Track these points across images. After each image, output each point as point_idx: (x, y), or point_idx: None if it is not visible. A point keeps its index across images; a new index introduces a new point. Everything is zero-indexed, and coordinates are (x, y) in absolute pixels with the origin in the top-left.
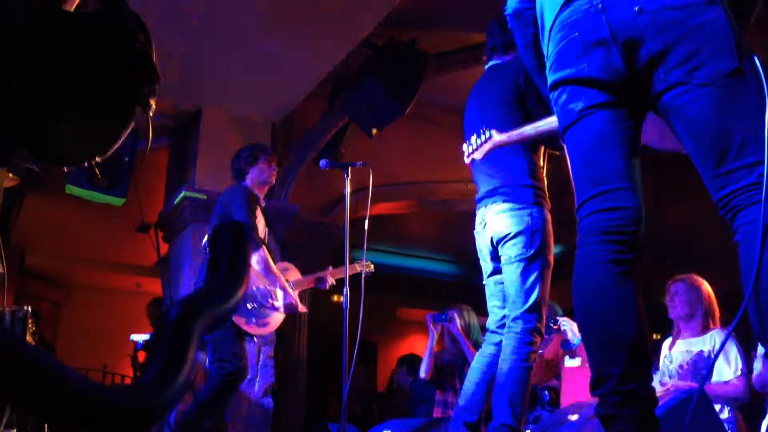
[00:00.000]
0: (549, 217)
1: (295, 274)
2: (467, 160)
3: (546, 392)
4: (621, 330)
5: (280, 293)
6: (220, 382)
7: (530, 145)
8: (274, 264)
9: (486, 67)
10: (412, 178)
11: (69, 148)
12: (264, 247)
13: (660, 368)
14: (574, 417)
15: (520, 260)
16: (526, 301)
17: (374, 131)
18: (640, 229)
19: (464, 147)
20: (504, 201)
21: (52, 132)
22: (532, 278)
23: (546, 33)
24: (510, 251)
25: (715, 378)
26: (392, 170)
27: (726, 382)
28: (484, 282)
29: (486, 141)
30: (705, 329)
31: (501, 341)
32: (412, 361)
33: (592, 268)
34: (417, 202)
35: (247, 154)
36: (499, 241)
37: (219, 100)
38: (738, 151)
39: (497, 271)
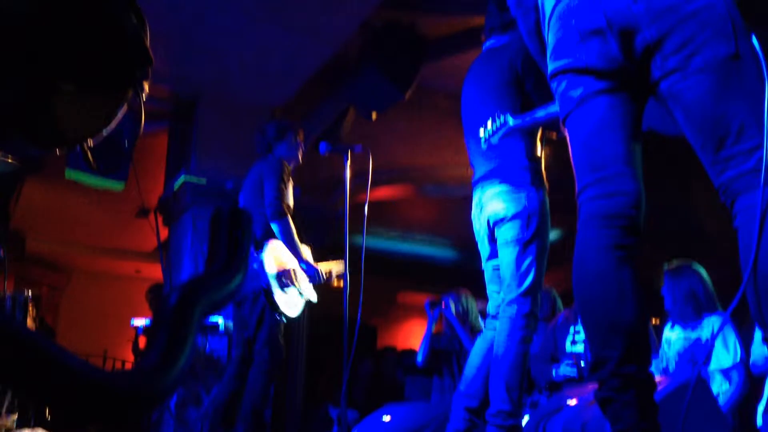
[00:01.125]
0: (546, 199)
1: (308, 257)
2: (484, 146)
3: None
4: (620, 313)
5: (301, 273)
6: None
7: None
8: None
9: (483, 48)
10: (412, 162)
11: (59, 130)
12: (290, 217)
13: (659, 354)
14: (572, 402)
15: (516, 243)
16: (521, 284)
17: (374, 114)
18: (640, 214)
19: (480, 132)
20: (500, 182)
21: (42, 113)
22: (527, 262)
23: (546, 22)
24: (506, 234)
25: (713, 365)
26: (392, 155)
27: (727, 371)
28: (483, 267)
29: (502, 125)
30: (701, 316)
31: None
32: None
33: (591, 252)
34: (417, 186)
35: (274, 129)
36: (495, 224)
37: (218, 86)
38: (736, 136)
39: (495, 254)
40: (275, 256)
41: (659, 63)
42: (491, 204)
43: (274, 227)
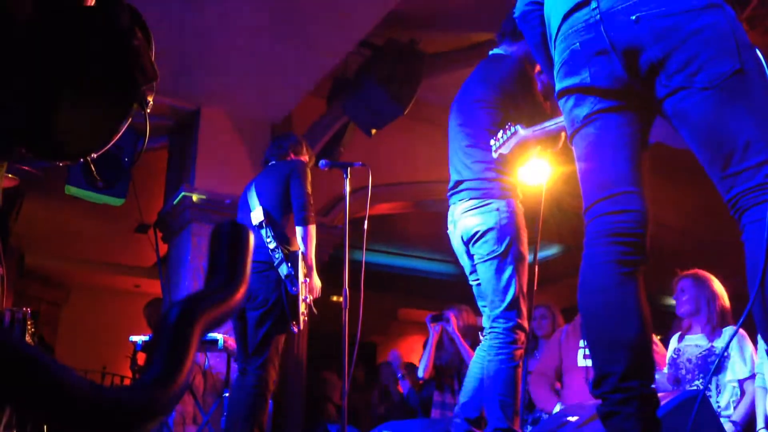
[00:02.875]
0: (518, 208)
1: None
2: (495, 155)
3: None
4: (623, 329)
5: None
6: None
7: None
8: None
9: (490, 53)
10: (412, 177)
11: (64, 143)
12: (314, 226)
13: (667, 362)
14: (573, 418)
15: (492, 258)
16: (503, 299)
17: (373, 131)
18: (646, 232)
19: (491, 142)
20: (470, 198)
21: (48, 126)
22: (506, 275)
23: (552, 40)
24: (481, 249)
25: (729, 376)
26: (391, 170)
27: (742, 382)
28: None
29: (512, 136)
30: (715, 327)
31: None
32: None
33: (597, 268)
34: (416, 201)
35: (292, 142)
36: (468, 240)
37: (218, 100)
38: (743, 152)
39: (475, 269)
40: (302, 263)
41: (664, 81)
42: (463, 220)
43: (300, 231)
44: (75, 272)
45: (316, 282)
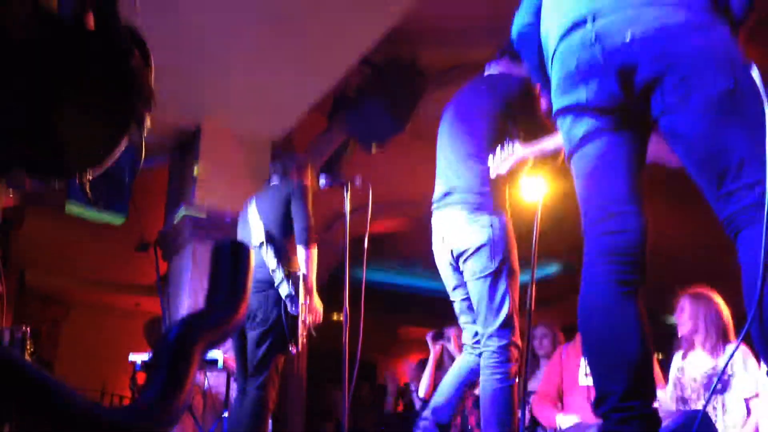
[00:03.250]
0: (510, 224)
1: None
2: (493, 175)
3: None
4: (624, 348)
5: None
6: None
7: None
8: None
9: (486, 68)
10: (412, 195)
11: (60, 161)
12: (315, 248)
13: (670, 380)
14: None
15: (486, 275)
16: (497, 316)
17: (374, 148)
18: (645, 251)
19: (489, 161)
20: (462, 210)
21: (43, 144)
22: (500, 292)
23: (549, 60)
24: (474, 266)
25: (735, 395)
26: (392, 187)
27: (748, 400)
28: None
29: (510, 155)
30: (716, 344)
31: (479, 355)
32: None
33: (596, 288)
34: (416, 219)
35: (297, 162)
36: (459, 256)
37: (218, 118)
38: (737, 171)
39: (462, 284)
40: (302, 284)
41: (659, 100)
42: (453, 234)
43: (302, 253)
44: (75, 290)
45: (317, 304)
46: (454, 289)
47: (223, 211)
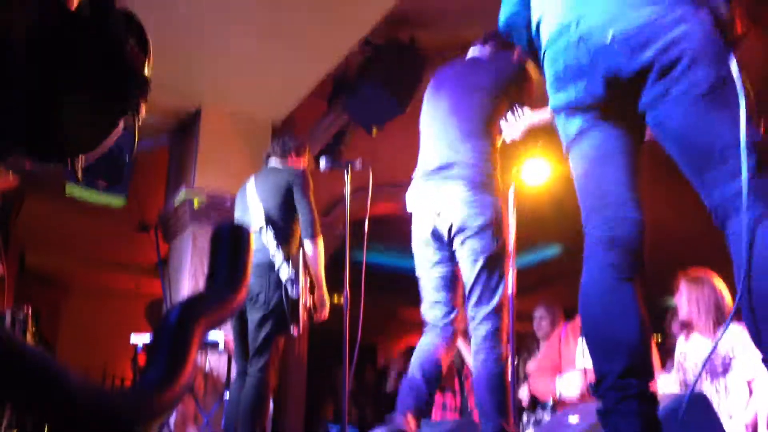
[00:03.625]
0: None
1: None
2: (508, 140)
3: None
4: (621, 329)
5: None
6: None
7: (491, 131)
8: None
9: (471, 51)
10: (407, 178)
11: (57, 144)
12: (321, 241)
13: (674, 364)
14: (574, 418)
15: (487, 257)
16: (491, 298)
17: (374, 130)
18: (643, 240)
19: (501, 125)
20: (464, 186)
21: (40, 126)
22: (498, 274)
23: (541, 58)
24: (475, 245)
25: (736, 377)
26: (392, 170)
27: (750, 382)
28: (418, 273)
29: (521, 120)
30: (716, 326)
31: (448, 334)
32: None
33: (596, 275)
34: None
35: (297, 143)
36: (458, 233)
37: (219, 100)
38: (720, 160)
39: (446, 260)
40: (302, 267)
41: (644, 94)
42: (453, 210)
43: (309, 245)
44: (75, 272)
45: (326, 298)
46: (435, 264)
47: (223, 193)
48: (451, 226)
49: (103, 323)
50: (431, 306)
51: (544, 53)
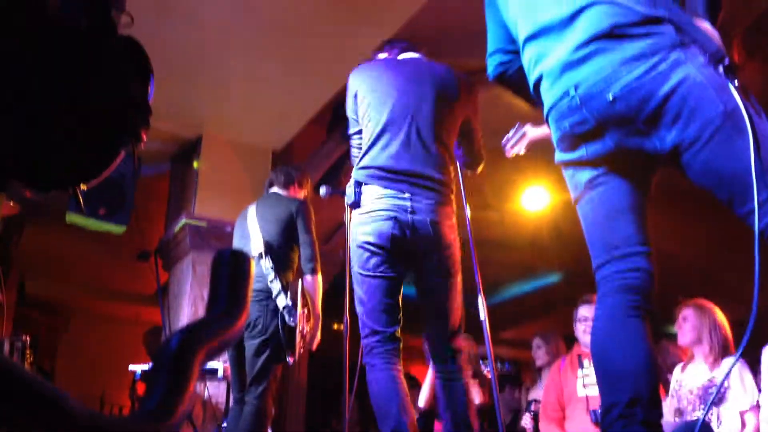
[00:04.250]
0: None
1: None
2: (510, 155)
3: (531, 404)
4: (630, 361)
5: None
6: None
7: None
8: None
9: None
10: None
11: (55, 174)
12: (320, 276)
13: (669, 392)
14: None
15: (454, 274)
16: (458, 319)
17: None
18: (654, 285)
19: (503, 142)
20: (434, 196)
21: (38, 156)
22: (459, 294)
23: (545, 114)
24: (447, 264)
25: (730, 407)
26: None
27: (743, 413)
28: (363, 277)
29: (522, 137)
30: (717, 357)
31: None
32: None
33: (608, 312)
34: None
35: (300, 173)
36: (428, 252)
37: (219, 127)
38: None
39: (399, 277)
40: (300, 295)
41: (658, 144)
42: (425, 225)
43: (310, 279)
44: (75, 299)
45: (317, 332)
46: (393, 279)
47: (223, 220)
48: (420, 244)
49: (103, 351)
50: (386, 330)
51: (547, 113)
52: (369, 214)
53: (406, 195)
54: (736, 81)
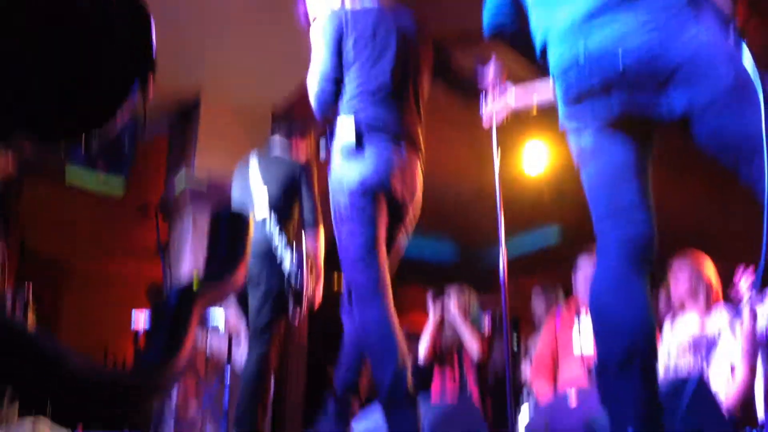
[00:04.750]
0: None
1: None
2: (487, 125)
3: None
4: (628, 316)
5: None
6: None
7: None
8: None
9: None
10: None
11: (60, 125)
12: (322, 228)
13: (660, 345)
14: (574, 401)
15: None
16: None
17: None
18: (655, 244)
19: (484, 109)
20: (412, 151)
21: (43, 108)
22: None
23: (552, 75)
24: (412, 223)
25: (721, 358)
26: None
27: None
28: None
29: (503, 107)
30: (709, 307)
31: None
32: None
33: (607, 267)
34: None
35: (303, 126)
36: (400, 205)
37: (219, 86)
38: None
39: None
40: (306, 257)
41: (665, 109)
42: (404, 179)
43: (311, 233)
44: (76, 256)
45: (319, 291)
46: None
47: (223, 177)
48: (396, 196)
49: (105, 306)
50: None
51: (555, 72)
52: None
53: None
54: (745, 43)
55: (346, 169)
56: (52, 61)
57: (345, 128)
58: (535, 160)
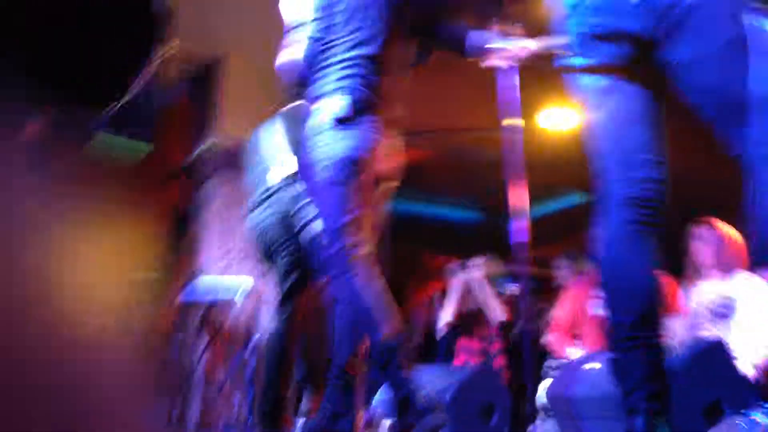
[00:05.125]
0: None
1: None
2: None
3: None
4: (636, 280)
5: None
6: None
7: None
8: None
9: None
10: (438, 124)
11: (88, 87)
12: None
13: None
14: (590, 365)
15: None
16: None
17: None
18: (664, 199)
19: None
20: None
21: (73, 70)
22: None
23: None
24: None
25: (742, 320)
26: (417, 117)
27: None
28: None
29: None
30: (731, 272)
31: None
32: None
33: (615, 228)
34: (442, 148)
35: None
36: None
37: (241, 46)
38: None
39: None
40: None
41: (669, 56)
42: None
43: None
44: None
45: None
46: None
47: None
48: None
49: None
50: None
51: (567, 12)
52: None
53: None
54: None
55: (334, 139)
56: (75, 30)
57: (335, 100)
58: (560, 117)
